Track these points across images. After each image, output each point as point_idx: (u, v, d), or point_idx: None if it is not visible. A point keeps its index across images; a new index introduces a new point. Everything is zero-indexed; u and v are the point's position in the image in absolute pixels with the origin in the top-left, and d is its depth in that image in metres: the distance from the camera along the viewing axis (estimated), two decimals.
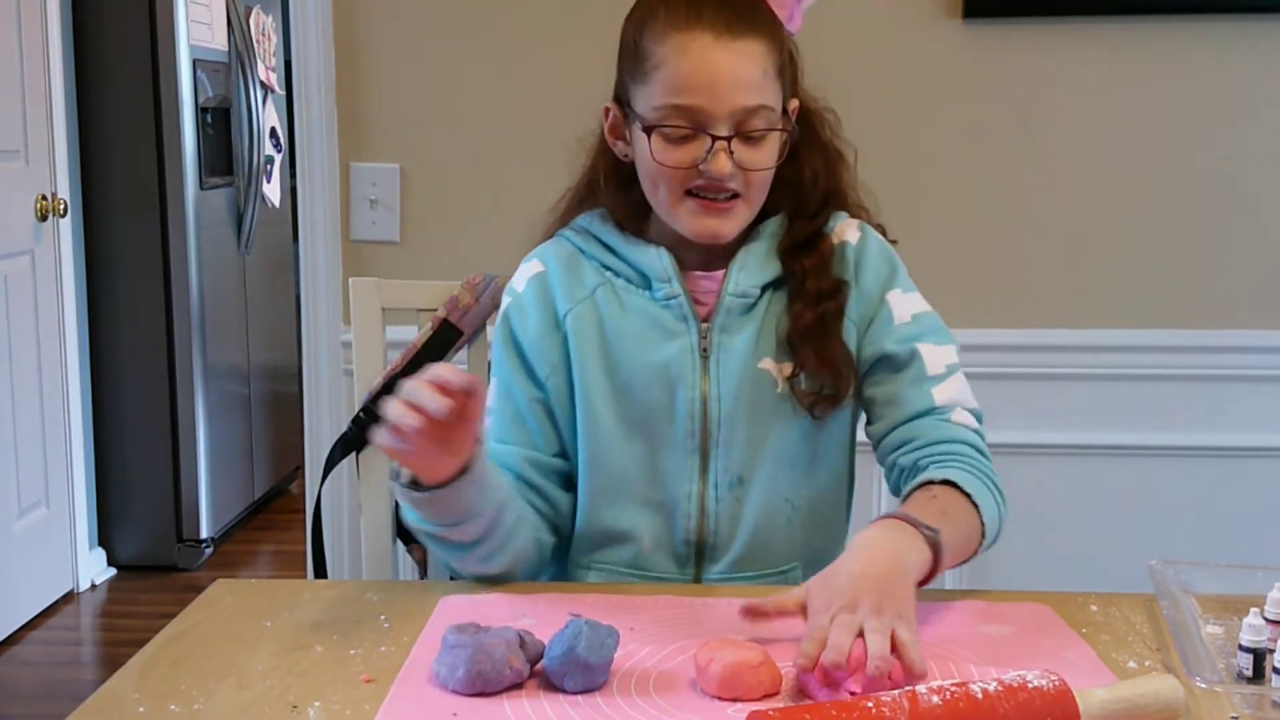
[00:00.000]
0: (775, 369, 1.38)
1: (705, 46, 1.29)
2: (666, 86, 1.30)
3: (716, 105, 1.29)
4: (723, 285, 1.38)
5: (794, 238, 1.40)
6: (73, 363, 3.69)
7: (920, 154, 2.20)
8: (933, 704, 0.95)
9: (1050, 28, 2.15)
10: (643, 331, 1.38)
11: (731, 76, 1.29)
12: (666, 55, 1.30)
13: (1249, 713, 1.03)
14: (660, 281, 1.38)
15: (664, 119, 1.31)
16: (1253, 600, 1.11)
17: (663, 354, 1.37)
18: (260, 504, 4.49)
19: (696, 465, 1.38)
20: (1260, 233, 2.19)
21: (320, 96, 2.20)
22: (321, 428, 2.24)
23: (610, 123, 1.41)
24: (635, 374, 1.38)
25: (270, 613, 1.24)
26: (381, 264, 2.23)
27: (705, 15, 1.30)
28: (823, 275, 1.38)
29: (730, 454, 1.37)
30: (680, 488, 1.38)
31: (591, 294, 1.41)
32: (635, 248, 1.41)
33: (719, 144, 1.30)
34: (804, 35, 2.17)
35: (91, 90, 3.75)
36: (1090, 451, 2.23)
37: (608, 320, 1.39)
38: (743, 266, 1.39)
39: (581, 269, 1.42)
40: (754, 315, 1.38)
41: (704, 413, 1.37)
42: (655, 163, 1.32)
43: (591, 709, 1.03)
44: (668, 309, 1.38)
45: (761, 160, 1.33)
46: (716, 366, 1.37)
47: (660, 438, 1.38)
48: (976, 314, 2.22)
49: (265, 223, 4.36)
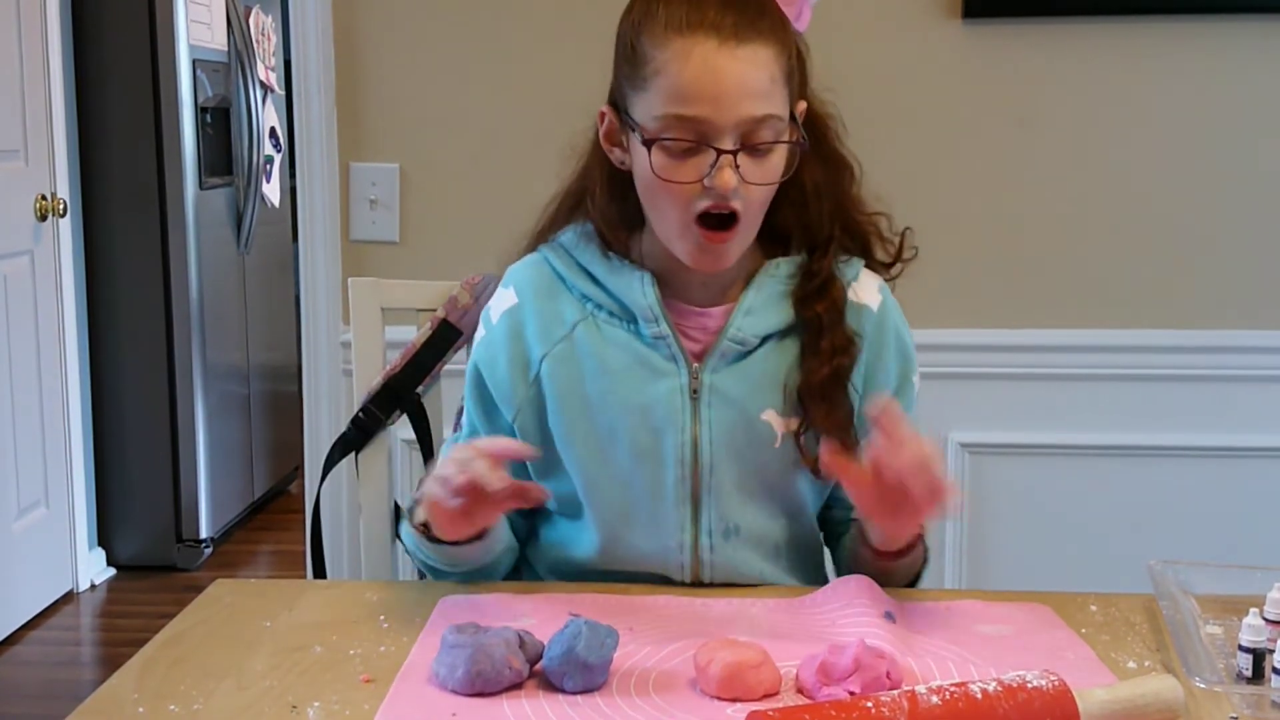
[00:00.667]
0: (781, 423, 1.31)
1: (709, 52, 1.21)
2: (667, 95, 1.22)
3: (721, 116, 1.21)
4: (724, 327, 1.31)
5: (807, 284, 1.33)
6: (72, 363, 3.69)
7: (919, 153, 2.20)
8: (932, 704, 0.95)
9: (1050, 27, 2.15)
10: (628, 370, 1.31)
11: (738, 85, 1.21)
12: (667, 61, 1.22)
13: (1248, 713, 1.03)
14: (646, 321, 1.31)
15: (665, 130, 1.23)
16: (1252, 600, 1.11)
17: (649, 395, 1.30)
18: (260, 504, 4.49)
19: (688, 514, 1.32)
20: (1261, 232, 2.19)
21: (320, 96, 2.20)
22: (321, 428, 2.24)
23: (606, 128, 1.33)
24: (620, 416, 1.30)
25: (270, 613, 1.24)
26: (381, 264, 2.23)
27: (708, 17, 1.22)
28: (836, 329, 1.31)
29: (723, 502, 1.31)
30: (672, 537, 1.32)
31: (570, 331, 1.33)
32: (619, 277, 1.32)
33: (724, 158, 1.22)
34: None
35: (91, 90, 3.75)
36: (1090, 451, 2.23)
37: (587, 360, 1.32)
38: (749, 311, 1.32)
39: (560, 300, 1.35)
40: (750, 360, 1.32)
41: (695, 458, 1.30)
42: (657, 178, 1.24)
43: (591, 709, 1.03)
44: (655, 347, 1.31)
45: (768, 174, 1.26)
46: (708, 409, 1.30)
47: (649, 485, 1.31)
48: (976, 313, 2.22)
49: (265, 222, 4.36)
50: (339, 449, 1.63)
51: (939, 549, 2.26)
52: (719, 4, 1.23)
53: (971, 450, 2.24)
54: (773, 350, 1.33)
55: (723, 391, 1.31)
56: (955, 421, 2.23)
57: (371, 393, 1.60)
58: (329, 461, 1.64)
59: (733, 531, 1.33)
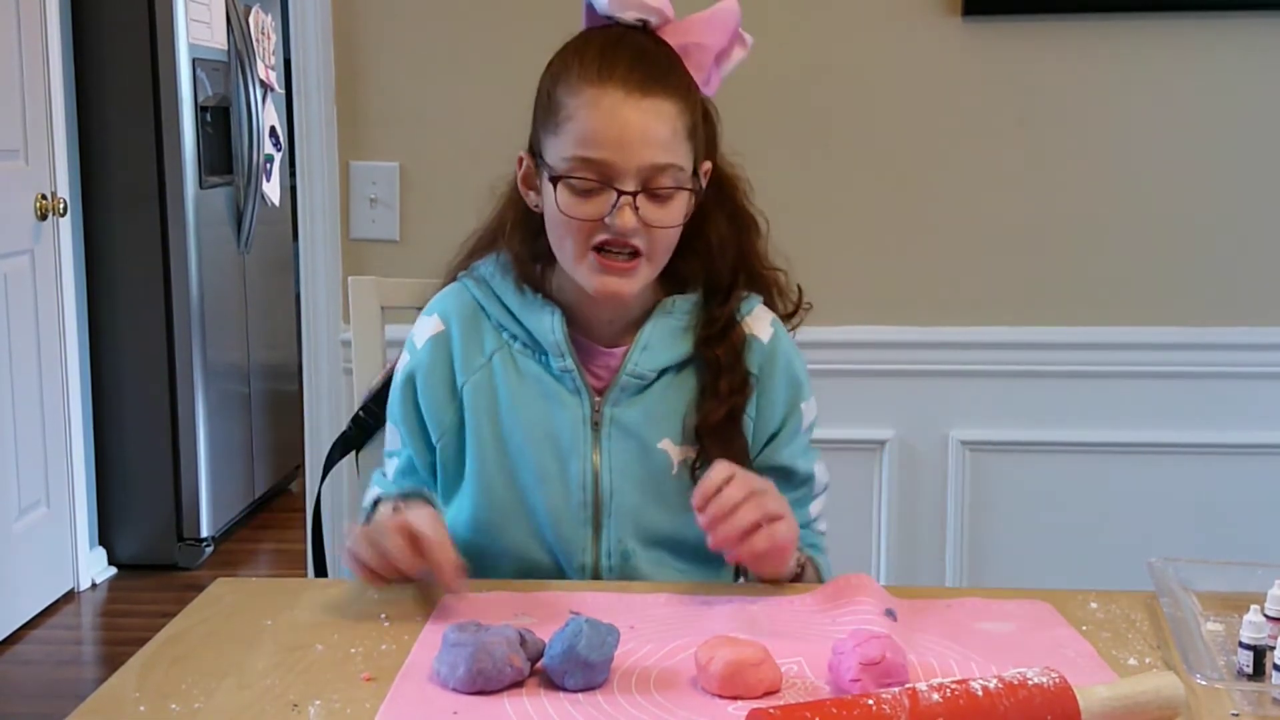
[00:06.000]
0: (676, 451, 1.40)
1: (616, 103, 1.30)
2: (576, 139, 1.31)
3: (624, 160, 1.30)
4: (622, 363, 1.40)
5: (709, 327, 1.41)
6: (73, 362, 3.69)
7: (920, 151, 2.20)
8: (933, 701, 0.95)
9: (1050, 25, 2.15)
10: (536, 400, 1.40)
11: (640, 134, 1.30)
12: (578, 108, 1.31)
13: (1249, 710, 1.03)
14: (555, 355, 1.39)
15: (572, 171, 1.31)
16: (1253, 597, 1.11)
17: (555, 423, 1.39)
18: (260, 503, 4.49)
19: (589, 536, 1.39)
20: (1260, 230, 2.19)
21: (320, 95, 2.20)
22: (321, 426, 2.24)
23: (523, 172, 1.41)
24: (529, 442, 1.39)
25: (270, 612, 1.24)
26: (381, 262, 2.23)
27: (618, 72, 1.31)
28: (734, 370, 1.40)
29: (622, 526, 1.39)
30: (574, 558, 1.40)
31: (489, 360, 1.42)
32: (531, 313, 1.41)
33: (624, 199, 1.30)
34: (804, 33, 2.19)
35: (91, 89, 3.75)
36: (1091, 449, 2.23)
37: (502, 388, 1.40)
38: (645, 346, 1.40)
39: (481, 329, 1.43)
40: (648, 393, 1.40)
41: (595, 484, 1.39)
42: (561, 214, 1.33)
43: (592, 707, 1.03)
44: (561, 380, 1.40)
45: (667, 218, 1.33)
46: (608, 440, 1.39)
47: (554, 507, 1.39)
48: (976, 311, 2.22)
49: (265, 221, 4.36)
50: (339, 448, 1.63)
51: (940, 547, 2.26)
52: (629, 61, 1.33)
53: (972, 448, 2.24)
54: (670, 383, 1.41)
55: (622, 423, 1.39)
56: (955, 419, 2.23)
57: (371, 391, 1.60)
58: (329, 460, 1.64)
59: (632, 553, 1.40)
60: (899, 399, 2.23)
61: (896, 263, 2.22)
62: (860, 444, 2.24)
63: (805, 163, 2.20)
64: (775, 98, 2.15)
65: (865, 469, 2.26)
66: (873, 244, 2.22)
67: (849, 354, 2.20)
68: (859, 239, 2.22)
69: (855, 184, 2.21)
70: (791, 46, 2.18)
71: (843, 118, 2.18)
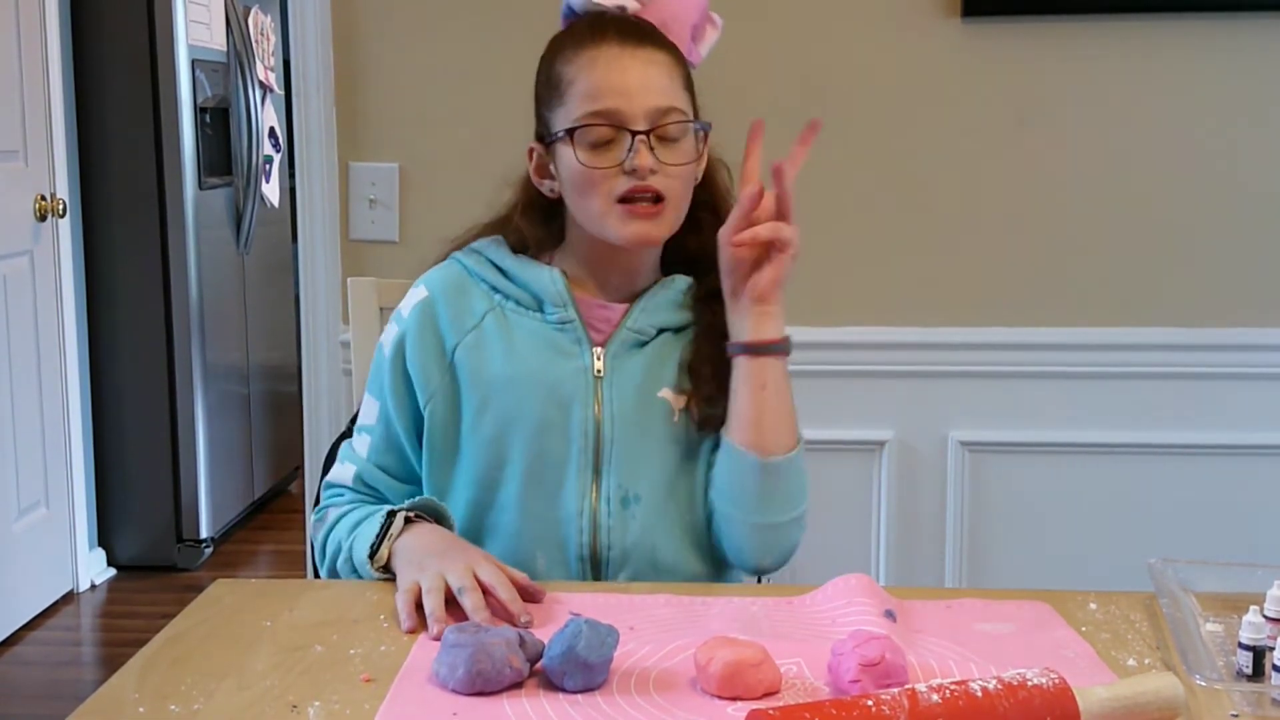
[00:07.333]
0: (674, 399, 1.43)
1: (614, 55, 1.36)
2: (582, 96, 1.36)
3: (631, 105, 1.35)
4: (623, 319, 1.43)
5: (704, 288, 1.45)
6: (72, 362, 3.69)
7: (919, 151, 2.20)
8: (933, 702, 0.95)
9: (1049, 26, 2.16)
10: (535, 352, 1.42)
11: (642, 80, 1.36)
12: (579, 70, 1.37)
13: (1249, 710, 1.03)
14: (554, 306, 1.42)
15: (584, 122, 1.36)
16: (1252, 598, 1.11)
17: (556, 373, 1.41)
18: (260, 504, 4.49)
19: (589, 481, 1.41)
20: (1259, 231, 2.19)
21: (319, 96, 2.20)
22: (321, 427, 2.24)
23: (535, 164, 1.45)
24: (528, 393, 1.41)
25: (270, 613, 1.24)
26: (380, 263, 2.23)
27: (609, 31, 1.38)
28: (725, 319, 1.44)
29: (621, 472, 1.41)
30: (573, 504, 1.41)
31: (480, 321, 1.44)
32: (528, 268, 1.44)
33: (639, 139, 1.35)
34: (804, 33, 2.19)
35: (90, 90, 3.75)
36: (1090, 449, 2.23)
37: (498, 344, 1.42)
38: (644, 309, 1.44)
39: (470, 294, 1.45)
40: (647, 349, 1.44)
41: (597, 433, 1.41)
42: (582, 167, 1.36)
43: (591, 708, 1.03)
44: (562, 331, 1.42)
45: (680, 157, 1.38)
46: (610, 388, 1.41)
47: (554, 455, 1.41)
48: (975, 312, 2.22)
49: (264, 222, 4.36)
50: (339, 448, 1.62)
51: (939, 547, 2.27)
52: (618, 24, 1.40)
53: (971, 449, 2.24)
54: (669, 340, 1.45)
55: (623, 373, 1.42)
56: (955, 420, 2.23)
57: None
58: (329, 461, 1.64)
59: (631, 500, 1.41)
60: (898, 400, 2.24)
61: (896, 263, 2.23)
62: (860, 445, 2.24)
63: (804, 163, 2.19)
64: (775, 98, 2.15)
65: (865, 470, 2.26)
66: (872, 244, 2.22)
67: (848, 354, 2.20)
68: (858, 239, 2.22)
69: (855, 184, 2.21)
70: (791, 47, 2.18)
71: (842, 118, 2.18)
